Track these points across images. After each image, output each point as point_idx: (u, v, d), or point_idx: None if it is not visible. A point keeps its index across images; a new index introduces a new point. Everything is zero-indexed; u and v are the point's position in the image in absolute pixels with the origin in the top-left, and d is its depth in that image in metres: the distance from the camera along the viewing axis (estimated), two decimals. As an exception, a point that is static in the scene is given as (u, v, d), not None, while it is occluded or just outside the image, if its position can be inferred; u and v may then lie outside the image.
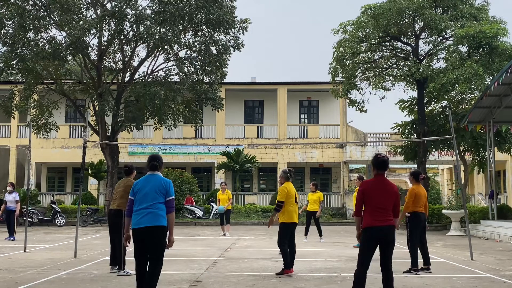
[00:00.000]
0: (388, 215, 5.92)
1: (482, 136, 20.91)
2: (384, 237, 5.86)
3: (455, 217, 19.13)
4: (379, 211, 5.88)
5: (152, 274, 6.06)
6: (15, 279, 8.30)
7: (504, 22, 21.07)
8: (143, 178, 6.34)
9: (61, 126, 27.70)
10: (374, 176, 6.12)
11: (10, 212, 16.34)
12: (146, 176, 6.32)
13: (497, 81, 16.53)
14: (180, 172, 27.14)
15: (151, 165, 6.35)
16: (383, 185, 6.01)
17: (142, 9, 22.55)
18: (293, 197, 8.88)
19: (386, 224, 5.88)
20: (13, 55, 22.17)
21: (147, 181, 6.27)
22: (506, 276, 8.72)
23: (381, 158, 6.08)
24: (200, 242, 15.19)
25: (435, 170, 39.31)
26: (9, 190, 16.85)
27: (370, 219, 5.89)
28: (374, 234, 5.86)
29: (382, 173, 6.09)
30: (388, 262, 5.89)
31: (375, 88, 22.82)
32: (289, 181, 9.05)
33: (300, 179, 33.32)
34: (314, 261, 10.62)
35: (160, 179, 6.25)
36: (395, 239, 5.98)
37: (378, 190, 5.96)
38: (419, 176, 9.35)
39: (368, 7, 21.60)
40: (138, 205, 6.19)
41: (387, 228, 5.87)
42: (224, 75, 24.63)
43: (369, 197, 5.96)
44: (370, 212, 5.92)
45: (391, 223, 5.92)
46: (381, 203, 5.91)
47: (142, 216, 6.09)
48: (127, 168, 9.05)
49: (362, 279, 5.86)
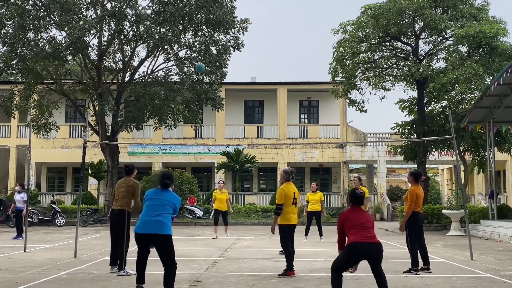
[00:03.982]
0: (372, 234, 5.94)
1: (482, 136, 20.90)
2: (369, 255, 5.87)
3: (455, 217, 19.12)
4: (363, 229, 5.91)
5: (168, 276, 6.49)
6: (15, 279, 8.30)
7: (504, 22, 21.06)
8: (156, 189, 6.83)
9: (61, 126, 27.71)
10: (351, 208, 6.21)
11: (19, 211, 16.44)
12: (159, 189, 6.81)
13: (497, 81, 16.52)
14: (180, 172, 27.14)
15: (163, 183, 6.81)
16: (360, 212, 6.13)
17: (142, 9, 22.55)
18: (291, 198, 8.72)
19: (372, 241, 5.88)
20: (13, 55, 22.19)
21: (158, 193, 6.76)
22: (506, 276, 8.72)
23: (359, 194, 6.18)
24: (200, 242, 15.19)
25: (435, 170, 39.31)
26: (18, 190, 16.98)
27: (355, 237, 5.88)
28: (359, 250, 5.85)
29: (358, 206, 6.18)
30: (380, 271, 5.94)
31: (375, 88, 22.82)
32: (290, 182, 8.91)
33: (300, 179, 33.32)
34: (314, 261, 10.61)
35: (173, 195, 6.79)
36: (382, 256, 5.98)
37: (357, 215, 6.05)
38: (419, 177, 9.35)
39: (368, 7, 21.59)
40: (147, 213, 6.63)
41: (373, 245, 5.86)
42: (224, 75, 24.63)
43: (349, 221, 6.00)
44: (354, 231, 5.92)
45: (376, 241, 5.93)
46: (363, 223, 5.96)
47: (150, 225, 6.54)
48: (127, 167, 9.03)
49: (339, 282, 5.91)
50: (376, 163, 31.88)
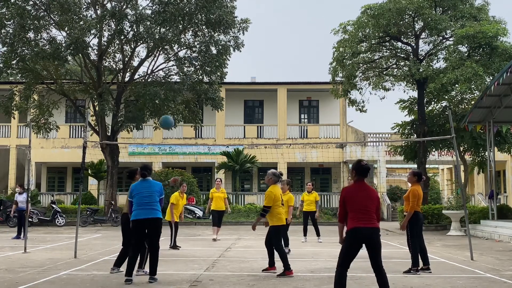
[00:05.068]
0: (372, 218, 5.88)
1: (482, 136, 20.90)
2: (370, 240, 5.83)
3: (455, 217, 19.12)
4: (363, 213, 5.85)
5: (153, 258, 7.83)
6: (15, 279, 8.30)
7: (504, 22, 21.07)
8: (138, 182, 8.01)
9: (61, 126, 27.71)
10: (355, 182, 6.09)
11: (22, 212, 16.46)
12: (141, 181, 8.01)
13: (497, 81, 16.52)
14: (180, 172, 27.12)
15: (141, 173, 8.07)
16: (364, 189, 6.00)
17: (142, 9, 22.57)
18: (279, 200, 8.85)
19: (371, 226, 5.84)
20: (13, 55, 22.19)
21: (142, 185, 7.96)
22: (506, 276, 8.72)
23: (366, 166, 6.07)
24: (200, 242, 15.18)
25: (435, 170, 39.32)
26: (19, 191, 17.07)
27: (354, 222, 5.85)
28: (359, 235, 5.82)
29: (363, 179, 6.07)
30: (379, 264, 5.87)
31: (375, 88, 22.82)
32: (276, 184, 9.01)
33: (300, 179, 33.33)
34: (314, 261, 10.61)
35: (155, 183, 8.04)
36: (380, 241, 5.95)
37: (360, 194, 5.94)
38: (421, 177, 9.39)
39: (368, 7, 21.59)
40: (138, 203, 7.81)
41: (372, 230, 5.83)
42: (224, 75, 24.63)
43: (351, 201, 5.92)
44: (354, 216, 5.88)
45: (375, 225, 5.89)
46: (364, 206, 5.88)
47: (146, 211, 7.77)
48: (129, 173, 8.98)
49: (343, 279, 5.84)
50: (376, 163, 31.88)
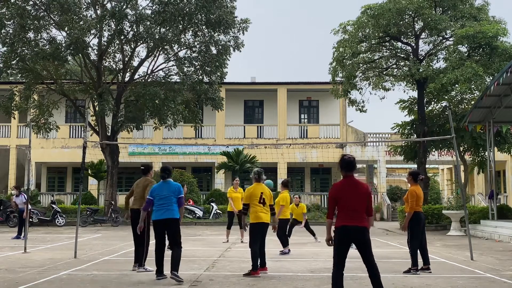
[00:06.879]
0: (361, 217, 5.86)
1: (482, 136, 20.89)
2: (358, 238, 5.82)
3: (455, 217, 19.12)
4: (352, 213, 5.83)
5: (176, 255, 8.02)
6: (15, 279, 8.30)
7: (504, 22, 21.07)
8: (159, 184, 8.30)
9: (61, 126, 27.70)
10: (343, 178, 6.02)
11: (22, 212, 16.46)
12: (161, 183, 8.28)
13: (497, 81, 16.52)
14: (180, 172, 27.13)
15: (161, 175, 8.33)
16: (354, 186, 5.92)
17: (142, 9, 22.58)
18: (257, 197, 8.84)
19: (358, 224, 5.82)
20: (13, 55, 22.20)
21: (162, 187, 8.24)
22: (506, 276, 8.71)
23: (348, 158, 5.97)
24: (200, 242, 15.18)
25: (435, 170, 39.30)
26: (15, 193, 17.13)
27: (342, 220, 5.84)
28: (347, 233, 5.81)
29: (351, 174, 6.00)
30: (370, 259, 5.84)
31: (375, 88, 22.82)
32: (260, 182, 9.02)
33: (300, 179, 33.33)
34: (314, 261, 10.61)
35: (173, 184, 8.30)
36: (369, 238, 5.93)
37: (349, 193, 5.88)
38: (418, 177, 9.41)
39: (368, 7, 21.59)
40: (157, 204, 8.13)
41: (360, 228, 5.82)
42: (224, 75, 24.63)
43: (340, 200, 5.89)
44: (343, 215, 5.87)
45: (364, 224, 5.86)
46: (353, 206, 5.85)
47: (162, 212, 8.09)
48: (144, 167, 9.37)
49: (339, 279, 5.84)
50: (376, 163, 31.88)
